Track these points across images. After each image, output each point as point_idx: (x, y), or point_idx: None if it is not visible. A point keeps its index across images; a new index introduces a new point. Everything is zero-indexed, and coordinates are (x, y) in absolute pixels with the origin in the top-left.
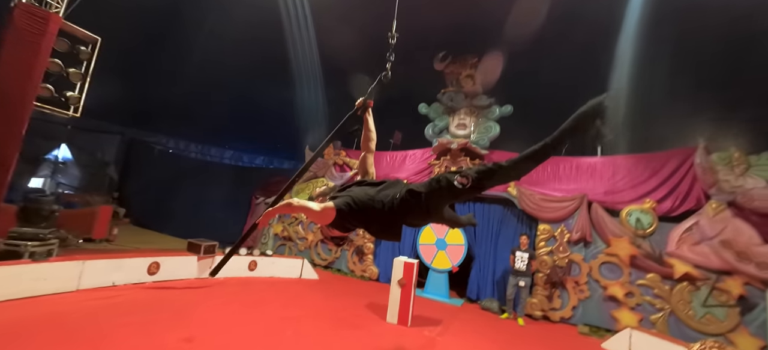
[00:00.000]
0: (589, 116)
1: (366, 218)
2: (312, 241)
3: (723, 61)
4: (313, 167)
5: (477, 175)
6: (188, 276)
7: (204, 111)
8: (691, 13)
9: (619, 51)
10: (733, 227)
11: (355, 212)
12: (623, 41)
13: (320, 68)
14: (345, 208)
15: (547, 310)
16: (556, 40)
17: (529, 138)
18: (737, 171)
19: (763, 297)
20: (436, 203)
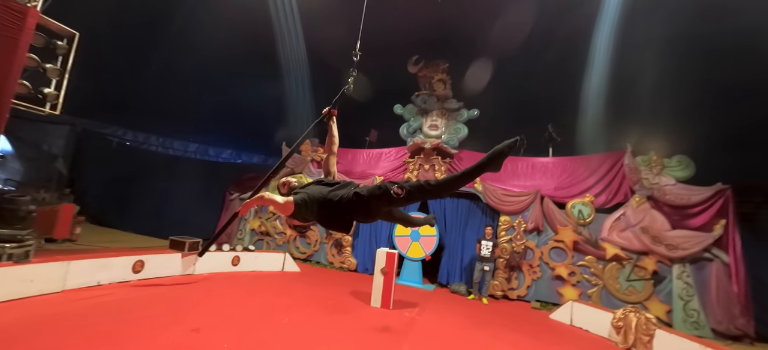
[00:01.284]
0: (500, 155)
1: (318, 213)
2: (290, 235)
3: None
4: (290, 163)
5: (411, 189)
6: (173, 272)
7: (166, 102)
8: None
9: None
10: (650, 216)
11: (310, 207)
12: (578, 58)
13: (306, 62)
14: (301, 203)
15: (506, 290)
16: (519, 52)
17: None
18: (655, 171)
19: (670, 272)
20: (377, 205)
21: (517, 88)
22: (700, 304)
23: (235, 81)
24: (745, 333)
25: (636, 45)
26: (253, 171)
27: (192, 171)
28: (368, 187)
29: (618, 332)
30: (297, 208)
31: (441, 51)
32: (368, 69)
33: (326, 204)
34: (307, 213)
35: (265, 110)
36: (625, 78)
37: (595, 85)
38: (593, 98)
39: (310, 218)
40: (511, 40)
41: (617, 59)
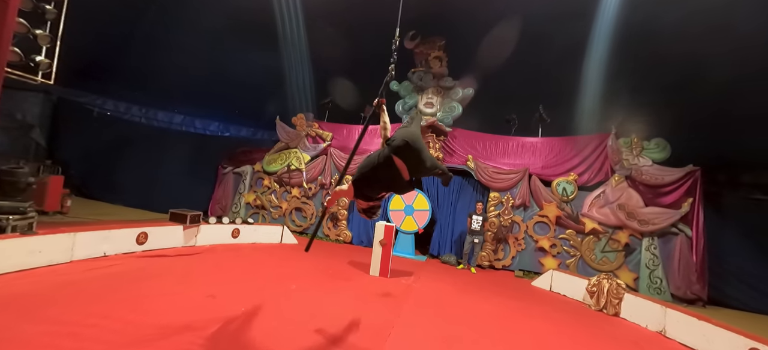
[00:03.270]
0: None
1: (371, 179)
2: (286, 209)
3: (633, 70)
4: (285, 138)
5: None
6: (176, 244)
7: (149, 71)
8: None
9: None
10: (627, 194)
11: (364, 178)
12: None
13: (303, 32)
14: (356, 177)
15: (492, 261)
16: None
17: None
18: (635, 152)
19: (640, 244)
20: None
21: (511, 68)
22: (663, 272)
23: (224, 50)
24: (699, 297)
25: (627, 33)
26: (245, 145)
27: (179, 143)
28: (395, 136)
29: (591, 296)
30: (355, 185)
31: (438, 28)
32: (364, 45)
33: (373, 168)
34: (363, 187)
35: (256, 82)
36: (615, 63)
37: (588, 69)
38: (585, 81)
39: (369, 192)
40: (507, 23)
41: (610, 45)
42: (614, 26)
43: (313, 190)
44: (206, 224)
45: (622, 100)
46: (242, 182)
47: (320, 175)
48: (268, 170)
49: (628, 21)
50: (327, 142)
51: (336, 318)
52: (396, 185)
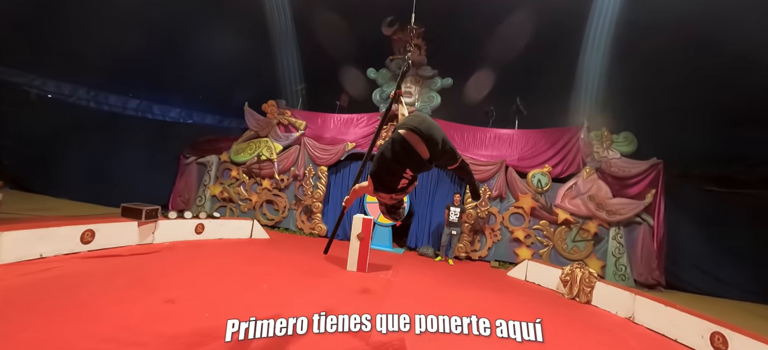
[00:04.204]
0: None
1: (389, 163)
2: (256, 202)
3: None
4: (255, 127)
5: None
6: (128, 242)
7: (98, 50)
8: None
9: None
10: (597, 186)
11: (382, 165)
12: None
13: (291, 20)
14: (373, 169)
15: (469, 252)
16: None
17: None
18: (605, 145)
19: (608, 234)
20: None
21: (489, 60)
22: (627, 260)
23: (187, 29)
24: (658, 282)
25: (603, 29)
26: (210, 133)
27: (135, 131)
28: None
29: (565, 285)
30: (374, 178)
31: (417, 15)
32: (341, 29)
33: (392, 150)
34: (382, 176)
35: (223, 65)
36: (590, 58)
37: (563, 63)
38: (560, 74)
39: (389, 181)
40: (488, 14)
41: (587, 41)
42: (592, 23)
43: (286, 181)
44: (165, 219)
45: (594, 93)
46: (207, 173)
47: (293, 166)
48: (236, 161)
49: (604, 18)
50: (300, 131)
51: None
52: (415, 163)
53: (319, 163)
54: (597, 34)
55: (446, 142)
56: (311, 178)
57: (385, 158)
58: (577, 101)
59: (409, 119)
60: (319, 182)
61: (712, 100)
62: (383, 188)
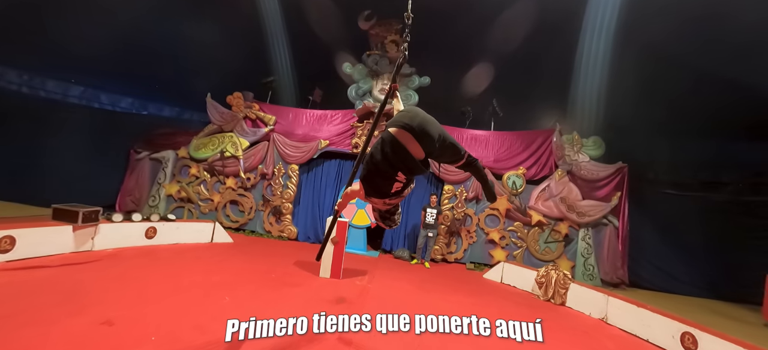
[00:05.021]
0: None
1: (380, 165)
2: (219, 202)
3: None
4: (219, 121)
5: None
6: (60, 250)
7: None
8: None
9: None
10: (568, 188)
11: (372, 167)
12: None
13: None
14: (363, 172)
15: (445, 254)
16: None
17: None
18: (575, 149)
19: (577, 235)
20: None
21: (467, 60)
22: (595, 260)
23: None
24: (622, 281)
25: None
26: (167, 126)
27: (77, 121)
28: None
29: (540, 287)
30: (364, 182)
31: (396, 9)
32: (316, 21)
33: (382, 151)
34: (373, 179)
35: (184, 52)
36: (564, 63)
37: (539, 66)
38: (535, 78)
39: (382, 184)
40: (470, 14)
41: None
42: (570, 29)
43: (253, 180)
44: (109, 222)
45: (566, 98)
46: (162, 170)
47: (261, 164)
48: (197, 157)
49: (585, 29)
50: (270, 126)
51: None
52: (407, 165)
53: (290, 161)
54: (573, 44)
55: (445, 137)
56: (281, 177)
57: (375, 160)
58: (550, 105)
59: (400, 115)
60: (290, 182)
61: (668, 110)
62: (375, 192)
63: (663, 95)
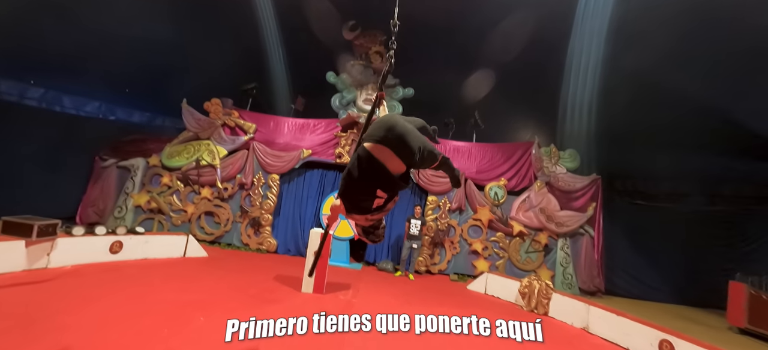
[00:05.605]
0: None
1: (358, 181)
2: (193, 213)
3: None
4: (195, 127)
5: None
6: (12, 268)
7: None
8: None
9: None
10: (546, 199)
11: (349, 183)
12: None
13: (263, 12)
14: (341, 188)
15: (429, 265)
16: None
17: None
18: (553, 161)
19: (556, 244)
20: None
21: (450, 71)
22: (573, 269)
23: (110, 8)
24: (599, 289)
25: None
26: (137, 132)
27: (35, 126)
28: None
29: (523, 297)
30: (342, 197)
31: (380, 20)
32: (301, 29)
33: (359, 167)
34: (352, 194)
35: (157, 55)
36: (540, 77)
37: (516, 80)
38: (513, 91)
39: (363, 201)
40: (453, 26)
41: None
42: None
43: (230, 190)
44: (68, 236)
45: (544, 111)
46: (131, 178)
47: (240, 173)
48: (170, 165)
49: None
50: (249, 134)
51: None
52: (386, 183)
53: (271, 171)
54: (553, 60)
55: (425, 146)
56: (260, 187)
57: (352, 176)
58: (529, 118)
59: (376, 127)
60: (270, 192)
61: (637, 123)
62: (355, 209)
63: (634, 110)
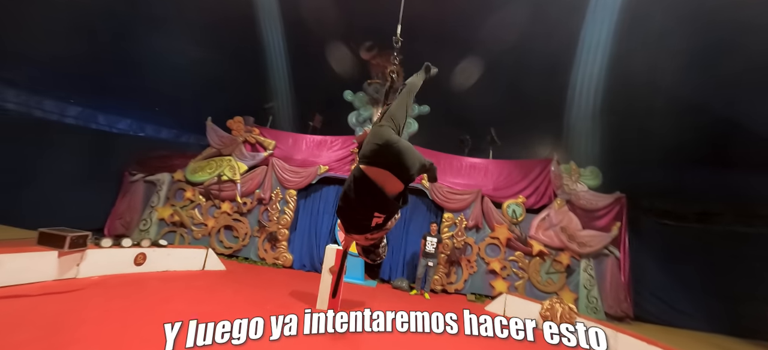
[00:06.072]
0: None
1: (354, 202)
2: (213, 227)
3: None
4: (218, 144)
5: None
6: (43, 278)
7: (36, 44)
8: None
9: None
10: (568, 218)
11: (346, 207)
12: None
13: (283, 35)
14: (339, 206)
15: (445, 284)
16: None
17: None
18: (573, 178)
19: (579, 265)
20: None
21: (466, 90)
22: (598, 292)
23: (148, 31)
24: (627, 314)
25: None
26: (162, 147)
27: (72, 142)
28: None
29: (545, 321)
30: (339, 216)
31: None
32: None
33: (355, 187)
34: (349, 212)
35: (185, 73)
36: (559, 94)
37: (537, 96)
38: (534, 107)
39: (362, 221)
40: (468, 43)
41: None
42: (578, 66)
43: (249, 205)
44: (96, 248)
45: (562, 128)
46: (156, 193)
47: (258, 188)
48: (193, 180)
49: (584, 63)
50: (269, 151)
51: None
52: (382, 204)
53: (288, 186)
54: (576, 74)
55: (421, 161)
56: (278, 202)
57: (348, 198)
58: (548, 135)
59: (370, 144)
60: (287, 207)
61: (663, 138)
62: (354, 229)
63: (659, 125)
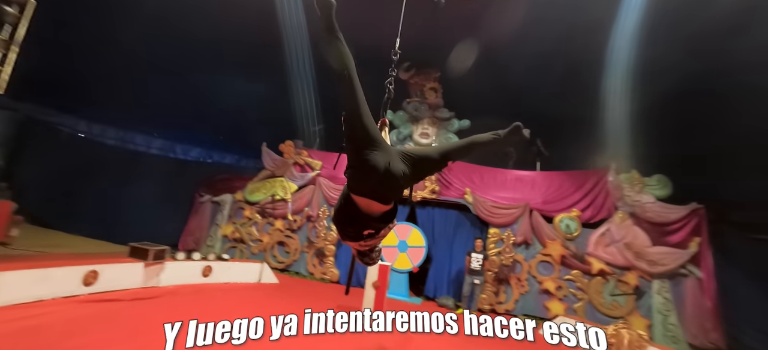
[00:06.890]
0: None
1: (348, 215)
2: (268, 243)
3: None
4: (271, 166)
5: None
6: (133, 285)
7: (129, 90)
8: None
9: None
10: (632, 233)
11: (340, 218)
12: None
13: (311, 62)
14: (333, 215)
15: (494, 304)
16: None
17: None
18: (636, 189)
19: (650, 287)
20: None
21: (508, 101)
22: (677, 318)
23: (213, 71)
24: (718, 347)
25: (627, 68)
26: (225, 171)
27: (155, 169)
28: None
29: (611, 349)
30: (335, 224)
31: (433, 58)
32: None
33: (346, 203)
34: (344, 221)
35: (244, 105)
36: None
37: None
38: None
39: (357, 233)
40: (508, 54)
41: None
42: (618, 60)
43: (299, 222)
44: (173, 260)
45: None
46: (220, 212)
47: (307, 206)
48: (251, 200)
49: (629, 54)
50: (316, 171)
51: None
52: (372, 223)
53: (334, 204)
54: (621, 73)
55: (421, 166)
56: (325, 219)
57: (342, 211)
58: (601, 142)
59: (365, 176)
60: (333, 225)
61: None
62: (348, 237)
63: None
